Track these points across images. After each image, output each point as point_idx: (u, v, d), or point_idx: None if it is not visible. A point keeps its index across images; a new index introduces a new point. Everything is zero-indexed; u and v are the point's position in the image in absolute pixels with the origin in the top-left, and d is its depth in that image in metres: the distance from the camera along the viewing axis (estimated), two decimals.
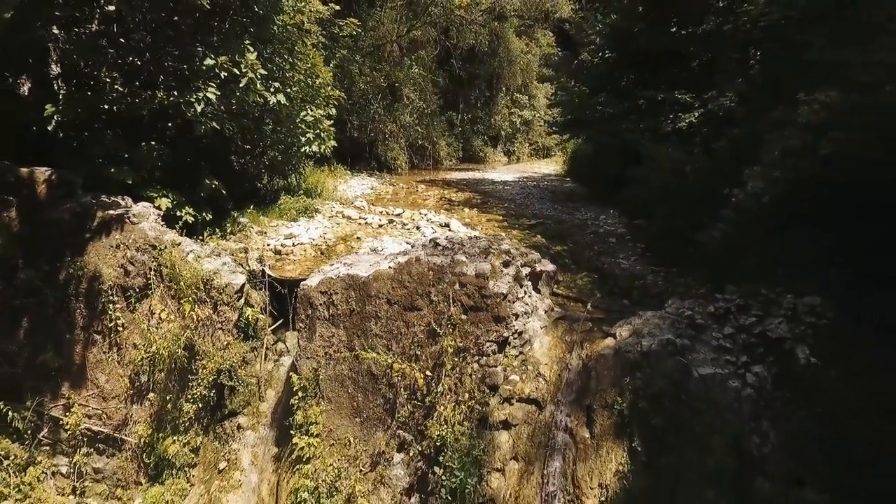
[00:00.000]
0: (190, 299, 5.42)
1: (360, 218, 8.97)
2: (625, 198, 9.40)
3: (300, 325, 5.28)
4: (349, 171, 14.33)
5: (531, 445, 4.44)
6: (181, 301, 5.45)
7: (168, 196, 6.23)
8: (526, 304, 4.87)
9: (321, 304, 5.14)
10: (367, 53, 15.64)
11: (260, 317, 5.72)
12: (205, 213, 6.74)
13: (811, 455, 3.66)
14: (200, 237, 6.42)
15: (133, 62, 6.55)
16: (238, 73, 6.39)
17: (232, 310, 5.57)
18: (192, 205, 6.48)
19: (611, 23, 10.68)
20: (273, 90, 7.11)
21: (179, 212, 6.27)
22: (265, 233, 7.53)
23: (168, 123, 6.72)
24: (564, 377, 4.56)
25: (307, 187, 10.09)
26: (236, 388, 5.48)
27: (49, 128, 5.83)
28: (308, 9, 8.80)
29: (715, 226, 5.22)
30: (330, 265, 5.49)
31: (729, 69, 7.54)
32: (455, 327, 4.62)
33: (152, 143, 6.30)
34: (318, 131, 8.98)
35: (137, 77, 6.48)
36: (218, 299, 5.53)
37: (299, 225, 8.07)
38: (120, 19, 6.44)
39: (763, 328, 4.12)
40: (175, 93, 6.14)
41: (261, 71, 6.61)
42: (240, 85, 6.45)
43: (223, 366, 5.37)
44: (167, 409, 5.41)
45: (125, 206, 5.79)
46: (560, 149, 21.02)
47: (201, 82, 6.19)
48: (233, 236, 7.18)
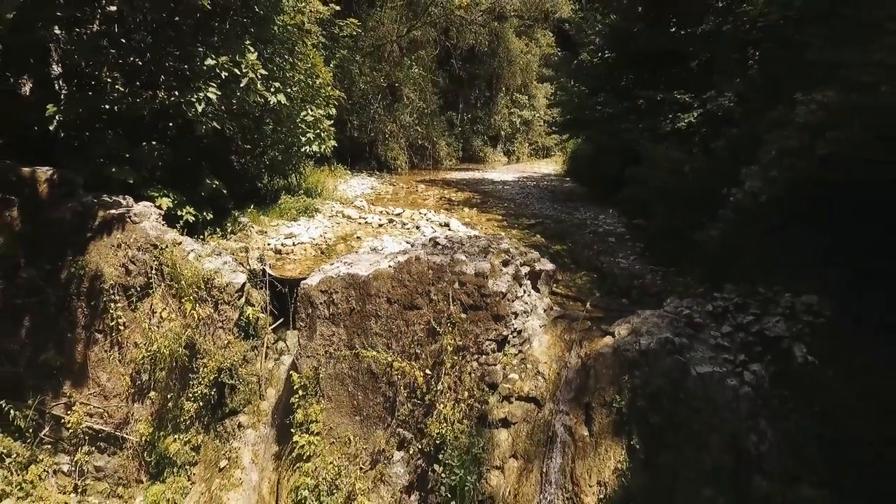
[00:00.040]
0: (191, 298, 5.45)
1: (360, 217, 8.99)
2: (624, 197, 9.42)
3: (300, 324, 5.30)
4: (349, 171, 14.36)
5: (530, 443, 4.46)
6: (182, 300, 5.47)
7: (169, 196, 6.26)
8: (525, 303, 4.89)
9: (321, 303, 5.17)
10: (367, 53, 15.66)
11: (260, 316, 5.75)
12: (205, 213, 6.76)
13: (809, 453, 3.68)
14: (201, 236, 6.44)
15: (134, 62, 6.56)
16: (239, 74, 6.41)
17: (233, 309, 5.60)
18: (193, 204, 6.50)
19: (610, 23, 10.69)
20: (273, 90, 7.13)
21: (180, 211, 6.29)
22: (265, 232, 7.55)
23: (169, 123, 6.74)
24: (563, 375, 4.58)
25: (307, 187, 10.10)
26: (237, 387, 5.50)
27: (50, 128, 5.85)
28: (308, 9, 8.81)
29: (713, 225, 5.23)
30: (330, 264, 5.51)
31: (728, 69, 7.55)
32: (455, 326, 4.64)
33: (153, 143, 6.32)
34: (319, 131, 8.99)
35: (138, 77, 6.50)
36: (219, 298, 5.56)
37: (299, 224, 8.08)
38: (121, 19, 6.45)
39: (761, 327, 4.15)
40: (176, 93, 6.16)
41: (261, 71, 6.63)
42: (240, 85, 6.47)
43: (224, 364, 5.40)
44: (168, 408, 5.44)
45: (126, 206, 5.81)
46: (560, 149, 21.04)
47: (202, 82, 6.20)
48: (233, 236, 7.20)
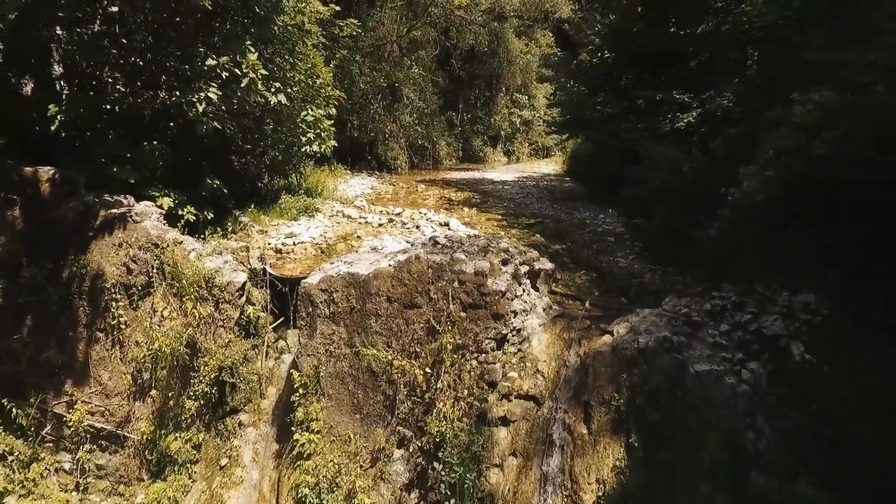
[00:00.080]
0: (192, 297, 5.48)
1: (361, 217, 9.01)
2: (623, 197, 9.45)
3: (301, 323, 5.33)
4: (349, 171, 14.37)
5: (529, 441, 4.48)
6: (183, 299, 5.50)
7: (170, 195, 6.28)
8: (524, 302, 4.92)
9: (322, 302, 5.19)
10: (368, 54, 15.68)
11: (261, 315, 5.78)
12: (206, 212, 6.78)
13: (806, 451, 3.70)
14: (202, 236, 6.46)
15: (135, 62, 6.58)
16: (239, 74, 6.42)
17: (233, 308, 5.62)
18: (194, 204, 6.53)
19: (610, 23, 10.70)
20: (274, 90, 7.14)
21: (181, 211, 6.31)
22: (266, 232, 7.57)
23: (170, 123, 6.75)
24: (562, 374, 4.60)
25: (308, 187, 10.12)
26: (238, 386, 5.53)
27: (52, 127, 5.86)
28: (308, 9, 8.81)
29: (712, 225, 5.26)
30: (330, 263, 5.54)
31: (727, 69, 7.57)
32: (454, 324, 4.67)
33: (154, 143, 6.34)
34: (319, 131, 9.00)
35: (139, 77, 6.51)
36: (219, 297, 5.58)
37: (300, 224, 8.10)
38: (122, 20, 6.47)
39: (758, 325, 4.17)
40: (177, 93, 6.18)
41: (262, 71, 6.64)
42: (241, 85, 6.48)
43: (225, 363, 5.43)
44: (169, 406, 5.46)
45: (127, 205, 5.84)
46: (560, 149, 21.06)
47: (203, 82, 6.22)
48: (234, 235, 7.22)
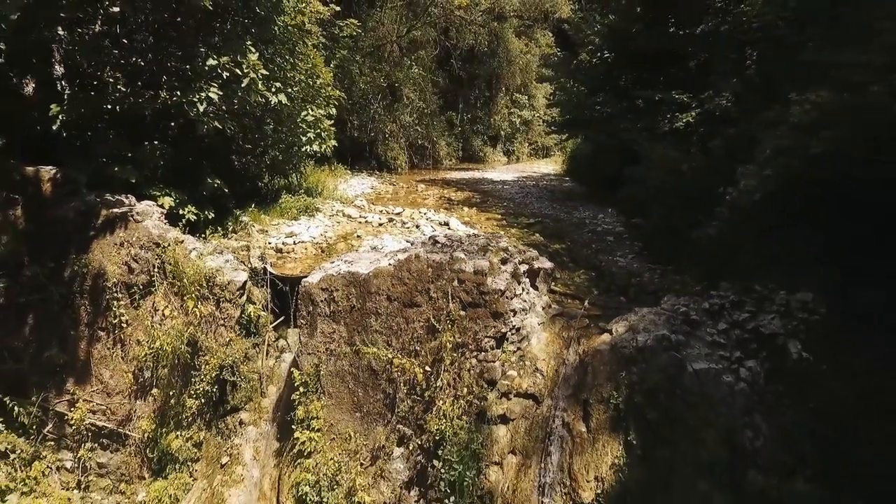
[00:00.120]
0: (193, 296, 5.50)
1: (361, 217, 9.03)
2: (622, 197, 9.48)
3: (301, 322, 5.35)
4: (349, 171, 14.39)
5: (529, 439, 4.51)
6: (184, 298, 5.52)
7: (171, 195, 6.30)
8: (524, 301, 4.94)
9: (322, 301, 5.22)
10: (368, 54, 15.70)
11: (262, 313, 5.80)
12: (207, 212, 6.80)
13: (803, 448, 3.73)
14: (203, 235, 6.48)
15: (136, 62, 6.60)
16: (240, 74, 6.44)
17: (234, 307, 5.65)
18: (195, 203, 6.54)
19: (609, 23, 10.73)
20: (274, 90, 7.16)
21: (182, 210, 6.33)
22: (266, 231, 7.59)
23: (171, 123, 6.77)
24: (561, 372, 4.63)
25: (308, 186, 10.14)
26: (238, 384, 5.55)
27: (53, 127, 5.88)
28: (309, 10, 8.82)
29: (710, 224, 5.28)
30: (331, 263, 5.56)
31: (726, 69, 7.60)
32: (454, 323, 4.70)
33: (155, 143, 6.36)
34: (319, 131, 9.02)
35: (140, 77, 6.53)
36: (220, 296, 5.61)
37: (300, 223, 8.12)
38: (123, 20, 6.48)
39: (756, 324, 4.20)
40: (178, 93, 6.20)
41: (262, 71, 6.66)
42: (241, 85, 6.50)
43: (225, 362, 5.45)
44: (170, 405, 5.48)
45: (129, 205, 5.86)
46: (559, 148, 21.07)
47: (203, 82, 6.23)
48: (235, 234, 7.24)
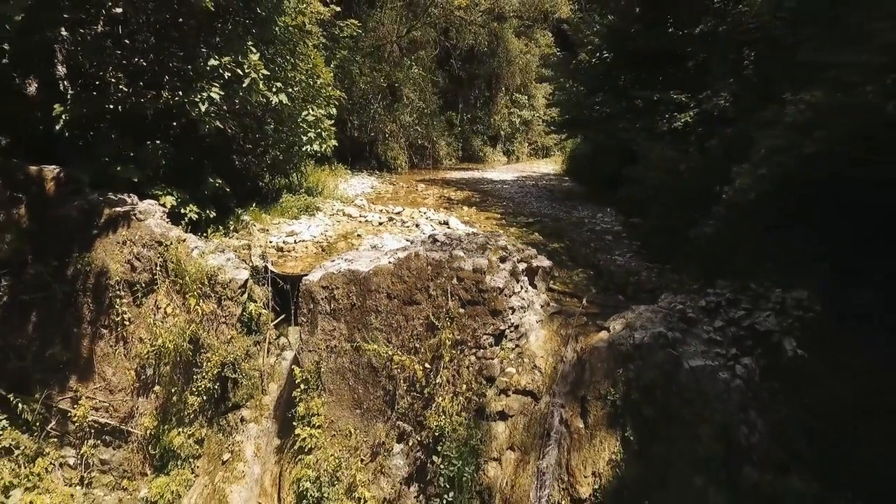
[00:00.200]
0: (195, 294, 5.55)
1: (361, 216, 9.08)
2: (621, 196, 9.53)
3: (302, 320, 5.41)
4: (350, 171, 14.44)
5: (527, 435, 4.56)
6: (186, 296, 5.57)
7: (173, 194, 6.35)
8: (522, 299, 4.99)
9: (323, 299, 5.27)
10: (368, 54, 15.75)
11: (263, 311, 5.85)
12: (208, 211, 6.86)
13: (798, 444, 3.77)
14: (204, 234, 6.54)
15: (138, 63, 6.64)
16: (241, 74, 6.49)
17: (235, 305, 5.70)
18: (197, 202, 6.60)
19: (608, 23, 10.77)
20: (275, 90, 7.21)
21: (184, 209, 6.39)
22: (267, 230, 7.64)
23: (172, 123, 6.82)
24: (559, 369, 4.68)
25: (308, 186, 10.20)
26: (240, 382, 5.60)
27: (56, 127, 5.93)
28: (309, 10, 8.88)
29: (707, 223, 5.33)
30: (331, 261, 5.62)
31: (724, 70, 7.64)
32: (453, 320, 4.75)
33: (157, 143, 6.41)
34: (319, 131, 9.06)
35: (142, 77, 6.58)
36: (222, 294, 5.66)
37: (301, 222, 8.18)
38: (125, 21, 6.54)
39: (752, 321, 4.25)
40: (179, 93, 6.25)
41: (263, 71, 6.71)
42: (243, 85, 6.55)
43: (227, 359, 5.49)
44: (172, 402, 5.53)
45: (131, 204, 5.91)
46: (559, 148, 21.13)
47: (205, 82, 6.28)
48: (236, 233, 7.29)
